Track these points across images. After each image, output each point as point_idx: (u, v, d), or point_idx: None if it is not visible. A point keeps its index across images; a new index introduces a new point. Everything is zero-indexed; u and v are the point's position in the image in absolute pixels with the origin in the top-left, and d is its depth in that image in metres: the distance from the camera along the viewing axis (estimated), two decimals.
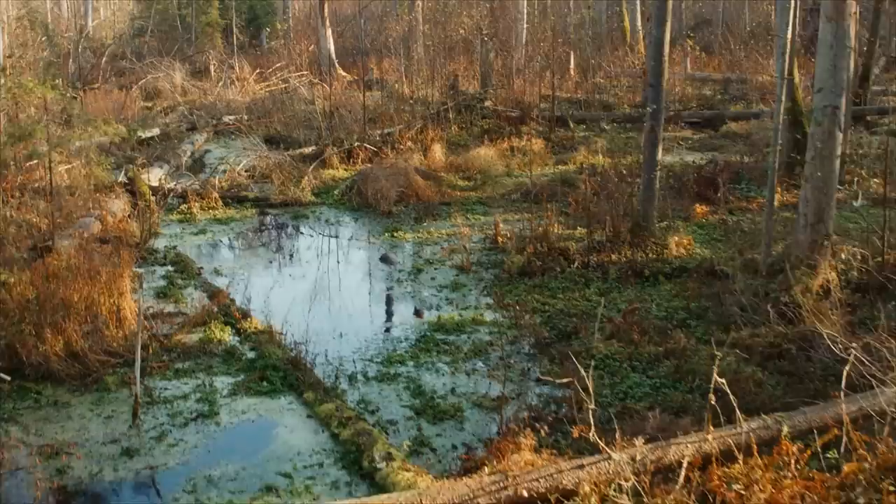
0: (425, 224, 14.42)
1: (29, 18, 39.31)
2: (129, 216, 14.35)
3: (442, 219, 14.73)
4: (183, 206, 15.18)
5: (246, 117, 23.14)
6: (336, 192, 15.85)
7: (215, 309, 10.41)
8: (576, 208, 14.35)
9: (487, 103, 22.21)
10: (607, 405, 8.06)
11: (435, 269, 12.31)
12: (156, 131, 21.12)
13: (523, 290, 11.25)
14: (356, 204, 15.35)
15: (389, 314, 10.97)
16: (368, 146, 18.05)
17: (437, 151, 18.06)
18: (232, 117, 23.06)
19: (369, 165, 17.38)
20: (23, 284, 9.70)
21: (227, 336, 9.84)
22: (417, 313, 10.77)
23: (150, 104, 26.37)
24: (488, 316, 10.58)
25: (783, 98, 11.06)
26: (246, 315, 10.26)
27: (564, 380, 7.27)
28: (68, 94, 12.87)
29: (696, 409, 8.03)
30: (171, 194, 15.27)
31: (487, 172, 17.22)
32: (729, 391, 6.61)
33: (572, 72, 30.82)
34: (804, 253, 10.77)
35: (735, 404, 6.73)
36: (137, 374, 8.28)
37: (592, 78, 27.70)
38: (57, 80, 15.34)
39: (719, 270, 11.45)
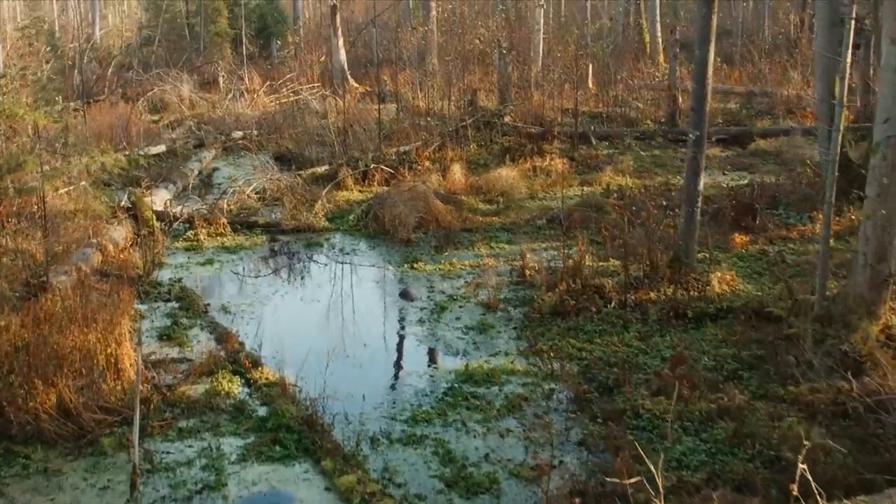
0: (446, 254, 13.54)
1: (35, 27, 38.77)
2: (131, 244, 13.55)
3: (464, 248, 13.85)
4: (189, 233, 14.34)
5: (256, 133, 22.31)
6: (351, 217, 14.99)
7: (223, 355, 9.55)
8: (608, 238, 13.49)
9: (507, 119, 21.32)
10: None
11: (459, 306, 11.43)
12: (161, 148, 20.29)
13: (557, 334, 10.36)
14: (372, 231, 14.48)
15: (412, 361, 10.07)
16: (385, 168, 17.17)
17: (457, 172, 17.19)
18: (241, 133, 22.23)
19: (386, 188, 16.53)
20: (13, 329, 8.87)
21: (236, 388, 8.99)
22: (442, 359, 9.89)
23: (156, 118, 25.59)
24: (520, 363, 9.70)
25: (840, 127, 10.14)
26: (256, 363, 9.40)
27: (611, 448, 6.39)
28: (64, 120, 12.02)
29: (761, 482, 7.16)
30: (177, 221, 14.45)
31: (510, 195, 16.34)
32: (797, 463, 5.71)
33: (591, 84, 30.00)
34: (863, 295, 9.88)
35: (816, 488, 5.83)
36: (136, 438, 7.42)
37: (612, 90, 26.82)
38: (53, 103, 14.40)
39: (769, 313, 10.58)
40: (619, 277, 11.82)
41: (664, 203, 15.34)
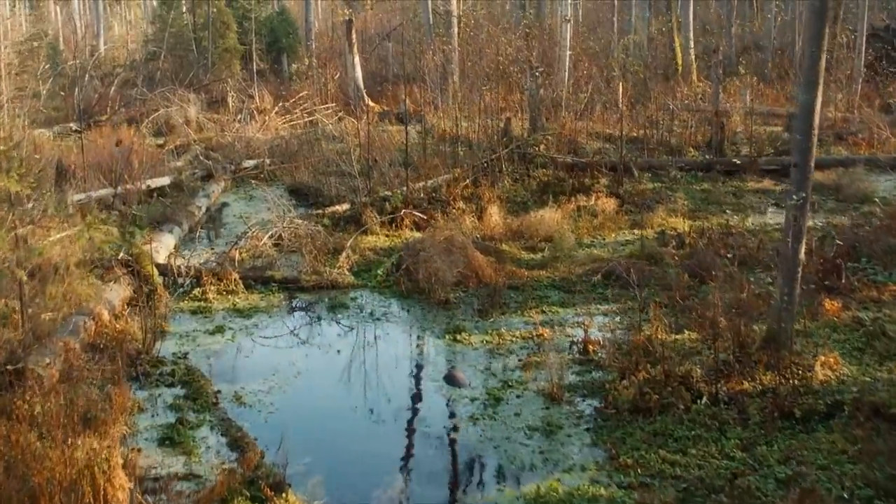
0: (492, 320, 11.74)
1: (36, 40, 37.13)
2: (130, 305, 11.79)
3: (511, 311, 12.05)
4: (197, 291, 12.57)
5: (268, 161, 20.57)
6: (380, 271, 13.20)
7: (239, 473, 7.78)
8: (676, 299, 11.73)
9: (541, 147, 19.53)
10: None
11: (517, 396, 9.63)
12: (166, 180, 18.57)
13: (641, 440, 8.56)
14: (405, 289, 12.69)
15: (470, 480, 8.28)
16: (415, 213, 15.38)
17: (494, 214, 15.43)
18: (253, 162, 20.50)
19: (417, 234, 14.77)
20: None
21: None
22: (507, 477, 8.10)
23: (160, 141, 23.87)
24: (602, 482, 7.91)
25: None
26: (280, 487, 7.61)
27: None
28: (45, 193, 10.33)
29: None
30: (183, 276, 12.70)
31: (555, 242, 14.54)
32: None
33: (622, 105, 28.22)
34: None
35: None
36: None
37: (646, 112, 25.03)
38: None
39: (891, 413, 8.79)
40: (702, 357, 10.05)
41: (731, 255, 13.64)
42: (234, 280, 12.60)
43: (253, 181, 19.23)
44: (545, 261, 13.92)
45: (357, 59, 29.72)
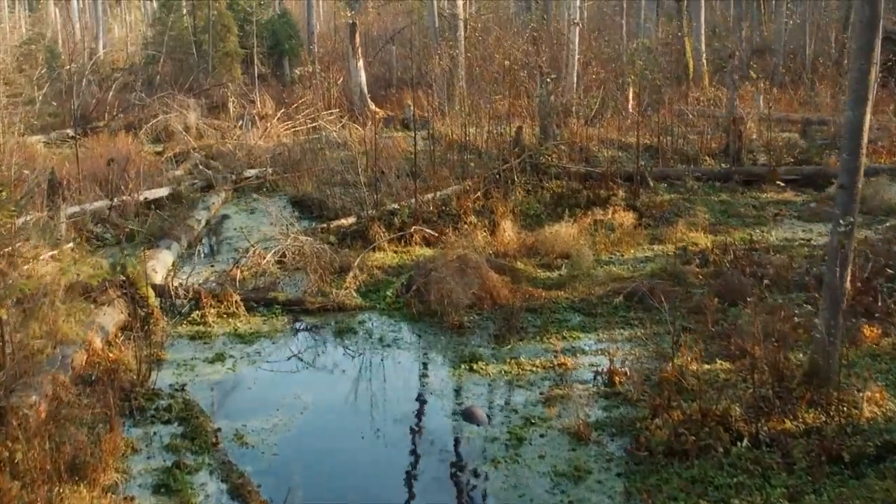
0: (510, 346, 11.04)
1: (33, 43, 36.46)
2: (125, 330, 11.10)
3: (530, 337, 11.34)
4: (195, 314, 11.86)
5: (270, 170, 19.87)
6: (389, 292, 12.49)
7: None
8: (707, 326, 11.05)
9: (554, 157, 18.81)
10: None
11: (540, 435, 8.92)
12: (164, 192, 17.88)
13: (678, 488, 7.86)
14: (416, 311, 11.98)
15: None
16: (426, 230, 14.69)
17: (508, 229, 14.73)
18: (254, 172, 19.81)
19: (428, 252, 14.09)
20: None
21: None
22: None
23: (159, 148, 23.18)
24: None
25: None
26: None
27: None
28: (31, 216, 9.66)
29: None
30: (181, 298, 12.00)
31: (572, 258, 13.85)
32: None
33: (632, 110, 27.54)
34: None
35: None
36: None
37: (657, 118, 24.35)
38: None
39: None
40: (737, 391, 9.35)
41: (760, 275, 12.95)
42: (235, 302, 11.90)
43: (254, 194, 18.53)
44: (563, 280, 13.21)
45: (361, 64, 29.03)
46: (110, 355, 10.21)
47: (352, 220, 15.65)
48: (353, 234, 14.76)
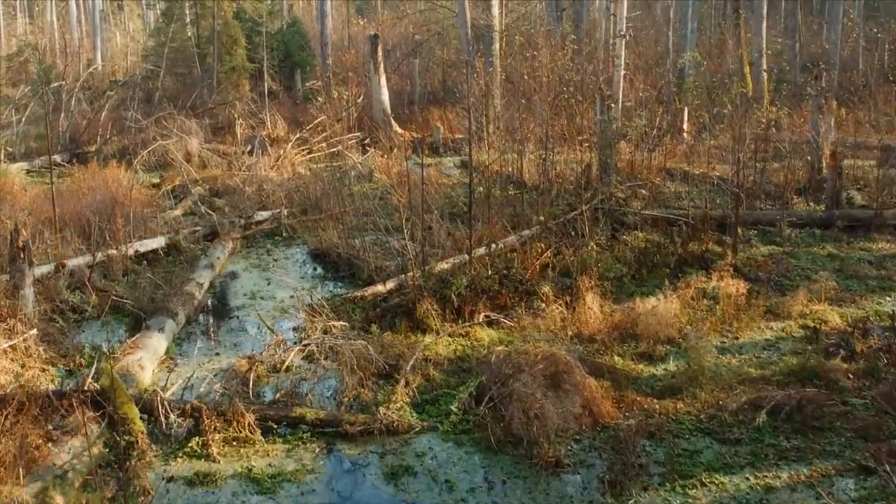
0: (633, 501, 7.89)
1: (24, 54, 33.48)
2: (100, 468, 8.01)
3: (656, 483, 8.18)
4: (195, 441, 8.72)
5: (286, 212, 16.78)
6: (454, 406, 9.32)
7: None
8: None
9: (631, 201, 15.71)
10: None
11: None
12: (160, 242, 14.82)
13: None
14: (492, 436, 8.82)
15: None
16: (491, 313, 11.55)
17: (593, 305, 11.58)
18: (267, 214, 16.71)
19: (494, 336, 11.00)
20: None
21: None
22: None
23: (156, 179, 20.13)
24: None
25: None
26: None
27: None
28: None
29: None
30: (175, 417, 8.89)
31: (688, 354, 10.65)
32: None
33: (686, 133, 24.43)
34: None
35: None
36: None
37: (713, 142, 21.26)
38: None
39: None
40: None
41: None
42: (249, 425, 8.77)
43: (268, 243, 15.45)
44: (677, 383, 10.04)
45: (383, 80, 25.99)
46: None
47: (391, 285, 12.55)
48: (396, 310, 11.62)
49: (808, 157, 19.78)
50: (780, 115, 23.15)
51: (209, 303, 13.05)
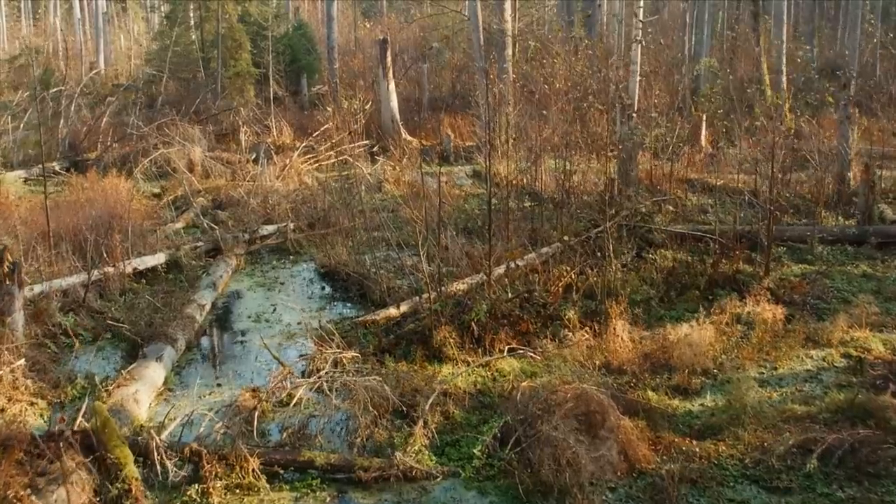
0: None
1: (25, 58, 32.78)
2: None
3: None
4: (195, 489, 7.94)
5: (292, 226, 16.04)
6: (476, 450, 8.53)
7: None
8: None
9: (657, 217, 14.92)
10: None
11: None
12: (159, 258, 14.08)
13: None
14: (519, 482, 8.03)
15: None
16: (516, 344, 10.77)
17: (622, 333, 10.80)
18: (272, 228, 15.97)
19: (517, 365, 10.22)
20: None
21: None
22: None
23: (157, 189, 19.41)
24: None
25: None
26: None
27: None
28: None
29: None
30: (172, 461, 8.12)
31: (717, 379, 9.92)
32: None
33: (704, 142, 23.68)
34: None
35: None
36: None
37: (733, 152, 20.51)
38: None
39: None
40: None
41: None
42: (253, 470, 8.00)
43: (273, 260, 14.70)
44: (716, 421, 9.26)
45: (392, 86, 25.26)
46: None
47: (405, 308, 11.77)
48: (411, 337, 10.84)
49: (836, 169, 18.98)
50: (801, 122, 22.39)
51: (211, 326, 12.28)
